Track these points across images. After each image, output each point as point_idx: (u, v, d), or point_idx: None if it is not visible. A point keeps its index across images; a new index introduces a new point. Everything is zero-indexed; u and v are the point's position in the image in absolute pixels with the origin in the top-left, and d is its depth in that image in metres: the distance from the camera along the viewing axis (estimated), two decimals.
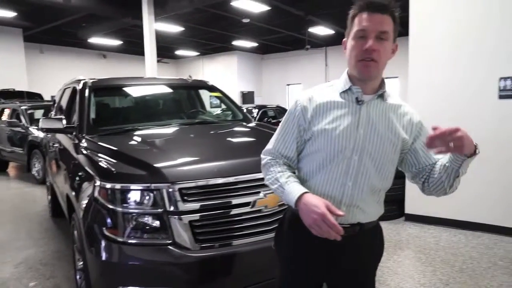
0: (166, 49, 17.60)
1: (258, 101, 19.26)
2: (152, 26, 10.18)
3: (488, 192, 3.93)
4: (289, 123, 1.40)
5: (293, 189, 1.28)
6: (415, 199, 4.34)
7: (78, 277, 2.60)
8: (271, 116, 11.27)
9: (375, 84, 1.33)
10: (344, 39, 1.34)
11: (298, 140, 1.38)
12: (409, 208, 4.42)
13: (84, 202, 2.20)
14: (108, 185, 2.04)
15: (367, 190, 1.31)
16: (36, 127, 7.29)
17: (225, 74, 19.39)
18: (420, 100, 4.19)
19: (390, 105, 1.35)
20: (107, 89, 3.67)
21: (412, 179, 1.43)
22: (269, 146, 1.46)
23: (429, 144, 1.13)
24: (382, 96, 1.33)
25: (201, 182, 2.06)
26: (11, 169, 9.22)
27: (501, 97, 3.78)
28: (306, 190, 1.27)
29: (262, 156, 1.48)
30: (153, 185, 2.00)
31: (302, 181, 1.37)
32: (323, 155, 1.31)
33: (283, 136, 1.41)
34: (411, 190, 4.34)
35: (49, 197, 4.93)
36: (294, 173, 1.40)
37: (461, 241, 3.77)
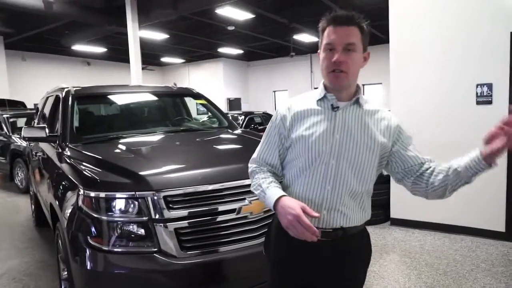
0: (151, 56, 17.54)
1: (245, 107, 19.31)
2: (136, 34, 10.14)
3: (471, 195, 4.02)
4: (271, 133, 1.47)
5: (272, 193, 1.33)
6: (400, 204, 4.41)
7: (63, 287, 2.56)
8: (258, 123, 11.30)
9: (349, 91, 1.37)
10: (318, 51, 1.39)
11: (280, 148, 1.44)
12: (394, 213, 4.49)
13: (68, 211, 2.18)
14: (92, 194, 2.02)
15: (346, 193, 1.33)
16: (19, 136, 7.16)
17: (211, 81, 19.40)
18: (402, 107, 4.29)
19: (367, 110, 1.38)
20: (90, 97, 3.64)
21: (399, 182, 1.45)
22: (255, 155, 1.53)
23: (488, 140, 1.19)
24: (358, 103, 1.38)
25: (186, 190, 2.06)
26: None
27: (478, 103, 3.90)
28: (284, 193, 1.31)
29: (249, 164, 1.55)
30: (137, 193, 2.00)
31: (285, 187, 1.42)
32: (302, 160, 1.36)
33: (267, 145, 1.48)
34: (396, 194, 4.41)
35: (33, 206, 4.84)
36: (280, 180, 1.45)
37: (445, 244, 3.84)
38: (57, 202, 2.48)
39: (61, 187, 2.46)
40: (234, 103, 19.46)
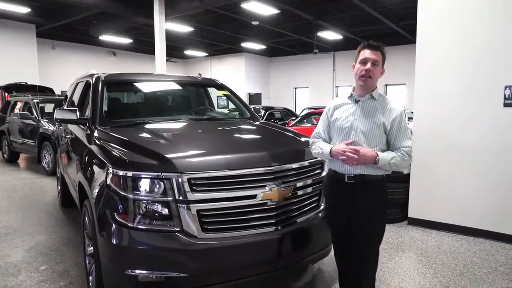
0: (175, 49, 17.78)
1: (265, 103, 19.34)
2: (162, 26, 10.31)
3: (491, 198, 3.96)
4: (322, 118, 2.40)
5: (327, 147, 2.21)
6: (419, 204, 4.37)
7: (87, 262, 2.68)
8: (278, 118, 11.32)
9: (368, 90, 2.20)
10: (353, 63, 2.23)
11: (327, 126, 2.34)
12: (412, 212, 4.46)
13: (97, 189, 2.28)
14: (120, 173, 2.12)
15: None
16: (47, 120, 7.43)
17: (233, 76, 19.51)
18: (427, 107, 4.25)
19: (378, 102, 2.20)
20: (119, 83, 3.77)
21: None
22: (313, 132, 2.40)
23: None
24: (372, 97, 2.19)
25: (209, 173, 2.13)
26: (22, 161, 9.39)
27: (506, 105, 3.82)
28: (333, 146, 2.21)
29: (310, 139, 2.42)
30: (163, 174, 2.08)
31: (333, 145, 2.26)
32: (337, 132, 2.25)
33: (320, 126, 2.39)
34: (415, 194, 4.38)
35: (59, 187, 5.04)
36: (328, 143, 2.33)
37: (463, 246, 3.80)
38: (86, 181, 2.60)
39: (90, 166, 2.58)
40: (254, 98, 19.53)
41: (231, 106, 4.26)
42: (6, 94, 10.51)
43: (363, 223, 2.15)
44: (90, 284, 2.55)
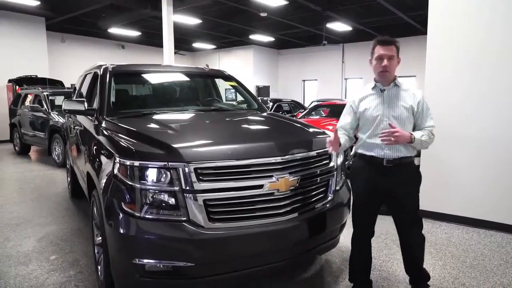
0: (183, 41, 17.74)
1: (273, 95, 19.26)
2: (170, 18, 10.28)
3: (501, 190, 3.90)
4: (346, 111, 2.57)
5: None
6: (428, 196, 4.29)
7: (96, 251, 2.71)
8: (286, 111, 11.27)
9: (390, 80, 2.42)
10: (369, 58, 2.44)
11: (352, 117, 2.52)
12: (421, 204, 4.35)
13: (104, 179, 2.29)
14: (128, 162, 2.12)
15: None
16: (57, 113, 7.50)
17: (241, 68, 19.42)
18: (437, 101, 4.17)
19: (402, 89, 2.42)
20: (127, 74, 3.77)
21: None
22: (337, 125, 2.53)
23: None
24: (396, 85, 2.42)
25: (216, 163, 2.12)
26: (33, 153, 9.53)
27: None
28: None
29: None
30: (170, 163, 2.07)
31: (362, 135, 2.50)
32: (367, 121, 2.44)
33: (343, 118, 2.57)
34: (425, 186, 4.29)
35: (69, 179, 5.10)
36: (347, 134, 2.55)
37: (473, 238, 3.75)
38: (94, 171, 2.62)
39: (98, 156, 2.59)
40: (263, 91, 19.45)
41: (239, 99, 4.24)
42: (17, 87, 10.63)
43: (406, 197, 2.46)
44: (99, 273, 2.57)
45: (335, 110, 8.74)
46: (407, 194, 2.47)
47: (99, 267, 2.59)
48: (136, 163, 2.10)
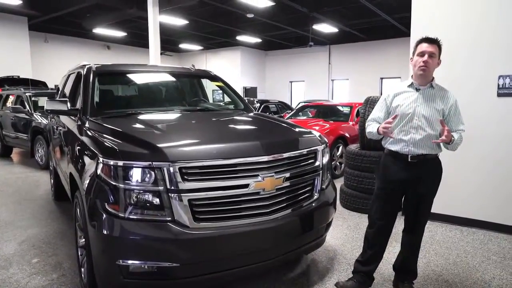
0: (170, 42, 17.65)
1: (261, 97, 19.30)
2: (156, 18, 10.20)
3: (484, 189, 3.98)
4: (380, 104, 2.62)
5: (375, 127, 2.52)
6: None
7: (79, 253, 2.66)
8: (273, 111, 11.31)
9: (427, 80, 2.46)
10: (411, 57, 2.54)
11: (385, 112, 2.58)
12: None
13: (88, 180, 2.26)
14: (111, 162, 2.09)
15: (425, 136, 2.41)
16: (40, 114, 7.36)
17: (228, 69, 19.43)
18: None
19: (437, 91, 2.48)
20: (111, 74, 3.73)
21: None
22: (369, 117, 2.65)
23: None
24: (432, 86, 2.46)
25: (201, 163, 2.11)
26: (15, 155, 9.31)
27: (499, 95, 3.82)
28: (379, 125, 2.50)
29: (366, 123, 2.66)
30: (154, 163, 2.05)
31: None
32: (399, 117, 2.46)
33: (376, 111, 2.64)
34: None
35: (52, 181, 5.01)
36: None
37: (456, 236, 3.82)
38: (77, 172, 2.57)
39: (81, 157, 2.55)
40: (250, 92, 19.49)
41: (227, 99, 4.23)
42: None
43: (426, 192, 2.52)
44: (82, 276, 2.53)
45: (321, 110, 8.81)
46: (427, 192, 2.52)
47: (82, 270, 2.54)
48: (120, 163, 2.07)
